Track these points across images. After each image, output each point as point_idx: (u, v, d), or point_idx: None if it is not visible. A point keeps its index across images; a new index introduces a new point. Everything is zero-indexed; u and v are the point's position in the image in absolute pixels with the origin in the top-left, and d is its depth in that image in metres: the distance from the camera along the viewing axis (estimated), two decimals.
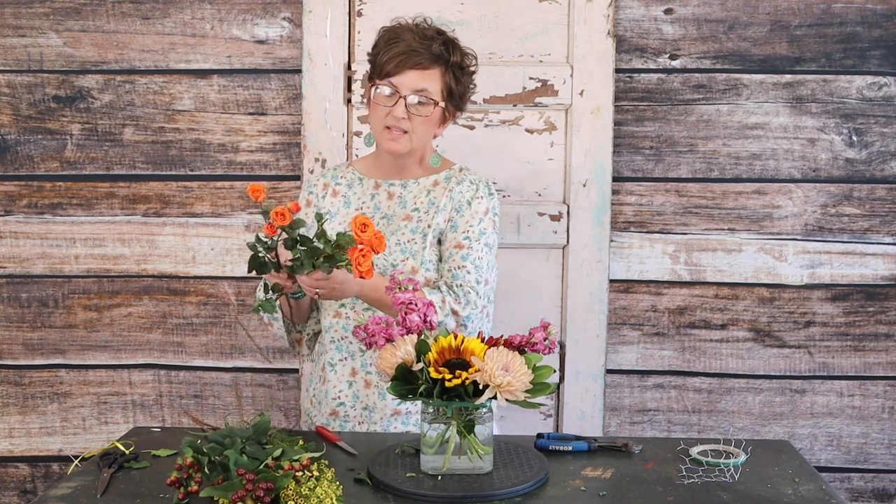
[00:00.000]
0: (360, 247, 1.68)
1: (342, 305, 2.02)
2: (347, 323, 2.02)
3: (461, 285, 1.95)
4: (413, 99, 1.95)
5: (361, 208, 2.07)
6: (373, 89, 2.00)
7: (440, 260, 2.02)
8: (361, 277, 1.70)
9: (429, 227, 2.00)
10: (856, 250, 2.64)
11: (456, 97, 2.01)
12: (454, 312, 1.91)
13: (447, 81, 1.98)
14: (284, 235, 1.72)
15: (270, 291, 1.82)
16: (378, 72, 1.98)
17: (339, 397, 2.04)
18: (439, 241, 2.02)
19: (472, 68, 2.05)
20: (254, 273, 1.76)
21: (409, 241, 2.00)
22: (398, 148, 1.99)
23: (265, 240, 1.74)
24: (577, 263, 2.61)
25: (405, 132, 1.97)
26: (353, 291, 1.87)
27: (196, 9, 2.62)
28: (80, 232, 2.69)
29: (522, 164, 2.61)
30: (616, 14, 2.57)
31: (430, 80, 1.96)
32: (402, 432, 1.99)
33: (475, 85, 2.08)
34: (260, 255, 1.75)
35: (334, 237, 1.71)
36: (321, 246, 1.71)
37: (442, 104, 1.98)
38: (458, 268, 1.97)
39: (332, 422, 2.04)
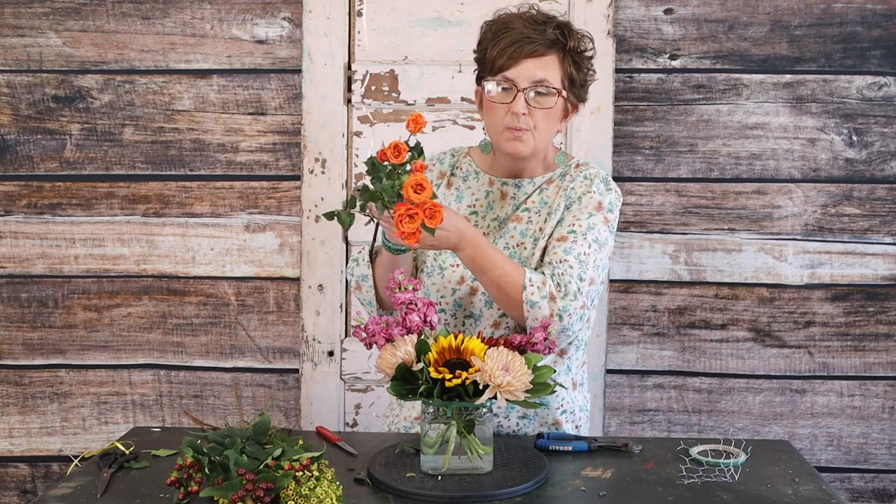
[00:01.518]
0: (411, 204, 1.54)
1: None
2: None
3: (563, 274, 1.73)
4: (532, 92, 1.76)
5: (474, 206, 1.91)
6: (485, 90, 1.80)
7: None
8: (402, 235, 1.56)
9: (540, 230, 1.83)
10: (856, 250, 2.64)
11: (578, 85, 1.81)
12: (552, 297, 1.71)
13: (567, 68, 1.78)
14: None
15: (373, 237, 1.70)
16: (489, 68, 1.78)
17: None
18: None
19: (590, 52, 1.84)
20: (356, 210, 1.62)
21: (517, 245, 1.83)
22: (522, 149, 1.79)
23: (383, 166, 1.57)
24: None
25: (527, 130, 1.78)
26: (455, 238, 1.68)
27: (196, 9, 2.62)
28: (79, 232, 2.69)
29: None
30: (616, 14, 2.57)
31: (549, 69, 1.76)
32: (400, 434, 1.98)
33: (594, 71, 1.87)
34: (376, 183, 1.58)
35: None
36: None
37: (564, 94, 1.79)
38: (560, 261, 1.75)
39: (416, 425, 1.93)
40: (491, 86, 1.79)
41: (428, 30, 2.59)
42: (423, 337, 1.61)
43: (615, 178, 2.61)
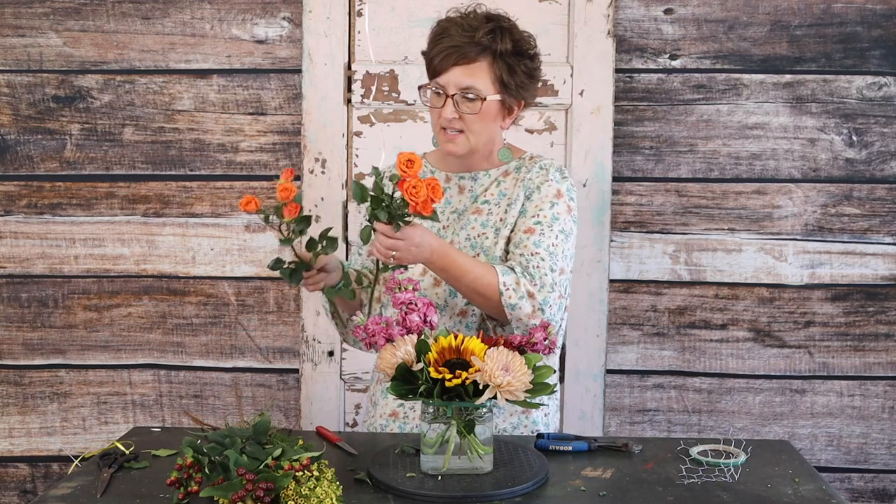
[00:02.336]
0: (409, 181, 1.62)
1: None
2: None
3: (538, 267, 1.81)
4: (461, 99, 1.83)
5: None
6: (425, 90, 1.89)
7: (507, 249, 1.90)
8: (416, 212, 1.63)
9: (501, 220, 1.90)
10: (856, 250, 2.64)
11: (514, 87, 1.86)
12: (530, 295, 1.78)
13: (497, 72, 1.83)
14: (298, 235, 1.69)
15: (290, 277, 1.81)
16: (429, 72, 1.88)
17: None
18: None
19: (530, 51, 1.88)
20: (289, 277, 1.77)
21: (479, 236, 1.90)
22: (456, 149, 1.88)
23: (288, 223, 1.71)
24: (577, 263, 2.61)
25: (461, 131, 1.86)
26: (427, 253, 1.75)
27: (196, 9, 2.62)
28: (79, 232, 2.69)
29: None
30: (616, 14, 2.57)
31: (477, 75, 1.82)
32: (400, 433, 1.98)
33: (537, 69, 1.91)
34: (287, 265, 1.76)
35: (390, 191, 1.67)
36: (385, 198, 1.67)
37: (496, 97, 1.85)
38: (532, 254, 1.82)
39: (392, 423, 1.97)
40: (427, 90, 1.88)
41: (428, 30, 2.57)
42: (423, 337, 1.61)
43: (615, 179, 2.61)
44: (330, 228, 1.85)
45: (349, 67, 2.61)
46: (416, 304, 1.64)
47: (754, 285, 2.65)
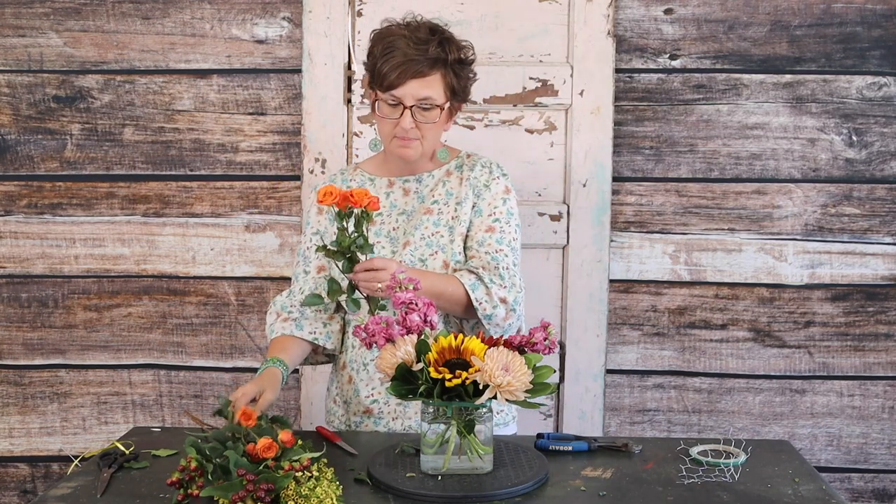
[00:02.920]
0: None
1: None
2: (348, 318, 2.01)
3: (507, 268, 1.93)
4: (418, 109, 1.92)
5: (379, 210, 2.03)
6: (377, 101, 1.96)
7: (466, 248, 1.99)
8: (368, 210, 1.71)
9: (454, 218, 1.98)
10: (856, 250, 2.64)
11: (459, 93, 1.98)
12: (503, 301, 1.90)
13: (449, 81, 1.94)
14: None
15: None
16: (378, 83, 1.93)
17: (371, 395, 2.00)
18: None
19: (471, 58, 2.00)
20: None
21: (434, 234, 1.98)
22: (411, 154, 1.97)
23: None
24: (577, 263, 2.61)
25: (416, 139, 1.95)
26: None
27: (196, 9, 2.62)
28: (79, 232, 2.69)
29: (522, 165, 2.61)
30: (616, 14, 2.57)
31: (432, 86, 1.92)
32: (400, 434, 1.99)
33: (475, 73, 2.03)
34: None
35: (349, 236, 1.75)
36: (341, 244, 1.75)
37: (447, 104, 1.96)
38: (497, 251, 1.95)
39: (367, 419, 2.01)
40: (381, 101, 1.94)
41: None
42: (423, 337, 1.61)
43: (615, 179, 2.61)
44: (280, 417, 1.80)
45: (349, 67, 2.61)
46: (416, 304, 1.64)
47: (754, 285, 2.66)
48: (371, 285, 1.77)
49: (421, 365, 1.56)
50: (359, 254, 1.76)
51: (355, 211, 1.74)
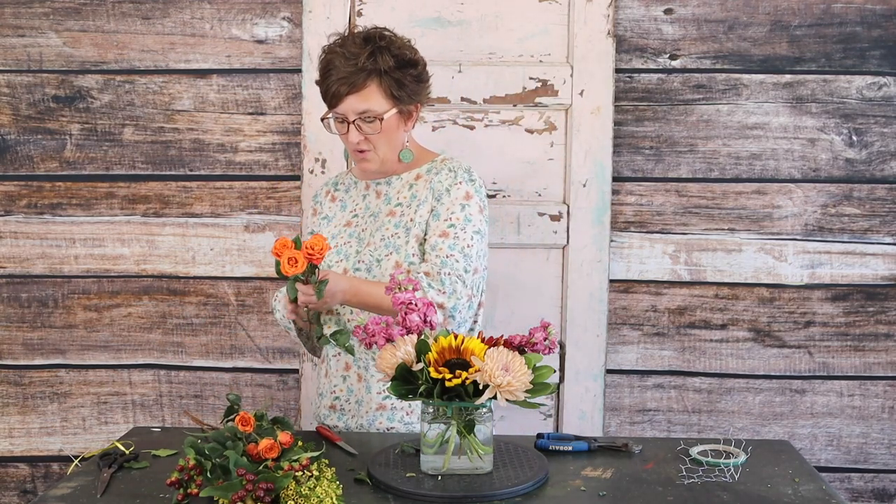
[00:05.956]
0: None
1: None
2: (339, 318, 2.03)
3: (449, 273, 1.91)
4: (361, 122, 1.95)
5: (355, 210, 2.11)
6: (328, 118, 2.02)
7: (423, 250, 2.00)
8: (313, 262, 1.73)
9: (411, 220, 2.00)
10: (856, 250, 2.64)
11: (406, 95, 1.97)
12: (440, 306, 1.88)
13: (387, 88, 1.94)
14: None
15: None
16: (325, 101, 1.99)
17: (335, 391, 2.06)
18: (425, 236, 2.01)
19: (412, 58, 1.99)
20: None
21: (392, 236, 2.01)
22: (370, 166, 2.03)
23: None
24: (577, 263, 2.61)
25: (368, 150, 1.99)
26: (339, 298, 1.88)
27: (196, 9, 2.62)
28: (79, 232, 2.69)
29: (522, 164, 2.61)
30: (616, 14, 2.57)
31: (370, 98, 1.94)
32: (400, 433, 1.99)
33: (421, 71, 2.01)
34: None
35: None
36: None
37: (392, 112, 1.96)
38: (447, 256, 1.93)
39: (332, 414, 2.06)
40: (328, 120, 2.02)
41: (428, 30, 2.59)
42: (423, 337, 1.61)
43: (615, 179, 2.61)
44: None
45: None
46: (416, 304, 1.64)
47: (754, 285, 2.66)
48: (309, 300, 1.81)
49: (421, 365, 1.56)
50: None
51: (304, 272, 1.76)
